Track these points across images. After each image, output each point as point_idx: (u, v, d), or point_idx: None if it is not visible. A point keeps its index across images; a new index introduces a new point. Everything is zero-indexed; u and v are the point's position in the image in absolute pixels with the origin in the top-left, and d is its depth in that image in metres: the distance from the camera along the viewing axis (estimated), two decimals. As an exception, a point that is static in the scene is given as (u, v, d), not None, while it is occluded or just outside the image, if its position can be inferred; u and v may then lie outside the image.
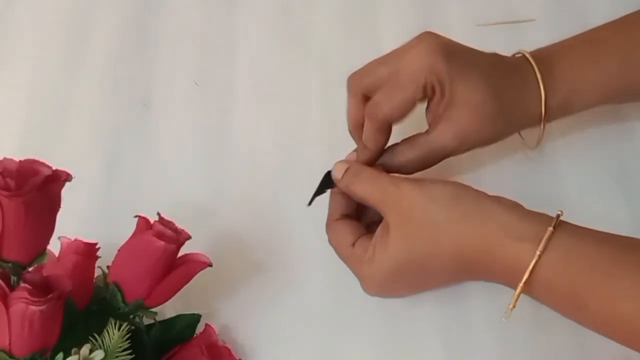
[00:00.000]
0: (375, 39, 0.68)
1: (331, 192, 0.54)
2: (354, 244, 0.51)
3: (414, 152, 0.52)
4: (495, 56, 0.53)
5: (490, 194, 0.48)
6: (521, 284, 0.44)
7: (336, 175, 0.52)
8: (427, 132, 0.52)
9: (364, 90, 0.52)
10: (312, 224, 0.55)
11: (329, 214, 0.54)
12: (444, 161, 0.53)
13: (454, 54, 0.50)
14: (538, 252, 0.43)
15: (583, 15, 0.67)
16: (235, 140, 0.63)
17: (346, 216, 0.53)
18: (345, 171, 0.51)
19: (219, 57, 0.68)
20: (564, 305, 0.45)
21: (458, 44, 0.51)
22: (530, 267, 0.43)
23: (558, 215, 0.45)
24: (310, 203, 0.53)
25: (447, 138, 0.51)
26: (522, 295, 0.45)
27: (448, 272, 0.49)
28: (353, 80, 0.53)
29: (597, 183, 0.59)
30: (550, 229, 0.44)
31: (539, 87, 0.51)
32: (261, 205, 0.59)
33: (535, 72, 0.52)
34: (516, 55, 0.54)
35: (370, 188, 0.50)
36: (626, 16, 0.55)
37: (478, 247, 0.46)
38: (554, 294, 0.45)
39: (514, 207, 0.47)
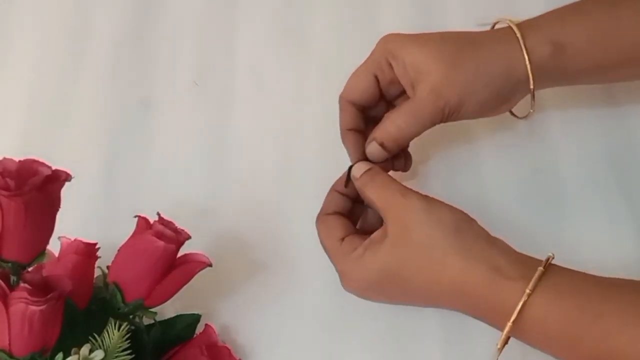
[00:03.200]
0: (375, 39, 0.68)
1: (329, 189, 0.54)
2: (342, 239, 0.51)
3: (402, 117, 0.52)
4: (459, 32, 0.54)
5: (492, 234, 0.48)
6: (510, 323, 0.44)
7: (355, 174, 0.52)
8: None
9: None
10: (312, 224, 0.55)
11: (322, 209, 0.54)
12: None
13: (404, 35, 0.53)
14: (528, 291, 0.43)
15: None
16: (235, 140, 0.63)
17: (338, 213, 0.53)
18: (365, 172, 0.52)
19: (219, 57, 0.68)
20: (557, 344, 0.45)
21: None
22: (520, 305, 0.43)
23: (549, 258, 0.45)
24: (347, 184, 0.53)
25: (424, 94, 0.51)
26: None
27: (430, 295, 0.48)
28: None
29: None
30: (541, 268, 0.44)
31: (517, 37, 0.51)
32: (261, 205, 0.59)
33: (512, 27, 0.52)
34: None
35: (380, 193, 0.50)
36: None
37: (468, 281, 0.45)
38: (547, 333, 0.44)
39: (508, 250, 0.47)
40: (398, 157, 0.56)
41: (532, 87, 0.52)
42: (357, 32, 0.69)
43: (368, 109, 0.55)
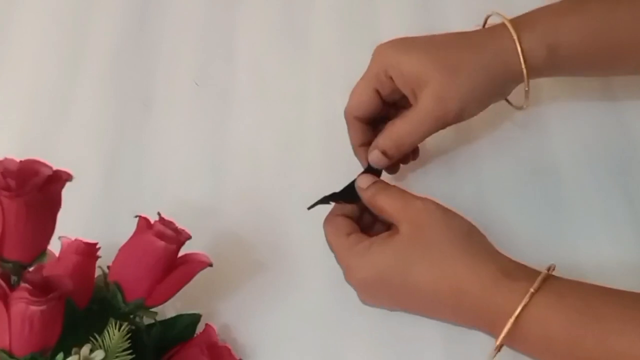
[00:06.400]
0: (375, 39, 0.68)
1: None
2: (349, 235, 0.51)
3: (404, 126, 0.53)
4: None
5: (492, 235, 0.49)
6: (512, 319, 0.44)
7: (361, 185, 0.52)
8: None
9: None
10: (312, 224, 0.55)
11: (331, 211, 0.54)
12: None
13: (399, 44, 0.53)
14: (532, 290, 0.44)
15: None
16: (235, 139, 0.63)
17: (346, 215, 0.53)
18: (374, 183, 0.52)
19: (219, 57, 0.68)
20: (557, 345, 0.45)
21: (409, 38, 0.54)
22: (524, 303, 0.44)
23: (551, 266, 0.46)
24: (311, 207, 0.53)
25: (426, 102, 0.52)
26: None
27: (433, 298, 0.48)
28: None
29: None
30: (545, 272, 0.45)
31: (513, 38, 0.52)
32: (261, 205, 0.59)
33: (508, 27, 0.52)
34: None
35: (394, 200, 0.50)
36: None
37: (475, 282, 0.46)
38: (547, 334, 0.44)
39: (514, 260, 0.48)
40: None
41: (527, 88, 0.53)
42: (357, 32, 0.69)
43: (374, 120, 0.56)
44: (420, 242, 0.48)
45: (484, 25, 0.57)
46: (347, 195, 0.53)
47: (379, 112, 0.55)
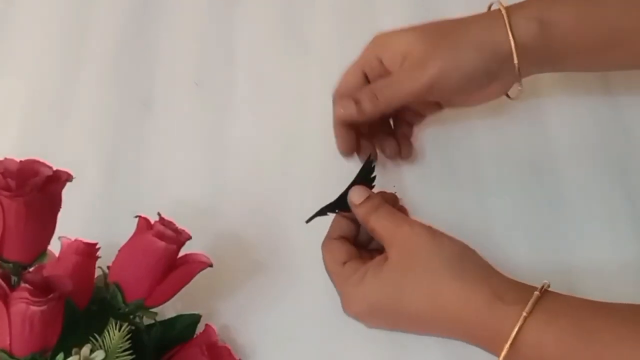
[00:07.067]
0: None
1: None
2: (344, 264, 0.51)
3: (380, 82, 0.54)
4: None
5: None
6: (507, 346, 0.44)
7: (354, 200, 0.52)
8: None
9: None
10: (312, 224, 0.55)
11: (328, 233, 0.54)
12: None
13: (392, 31, 0.55)
14: (524, 314, 0.44)
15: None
16: (235, 140, 0.63)
17: (343, 238, 0.53)
18: (366, 200, 0.52)
19: (219, 57, 0.68)
20: None
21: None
22: (517, 328, 0.44)
23: (544, 284, 0.46)
24: (309, 220, 0.53)
25: (405, 66, 0.53)
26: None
27: (429, 322, 0.48)
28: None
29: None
30: (537, 293, 0.45)
31: (502, 14, 0.52)
32: (261, 205, 0.59)
33: (500, 6, 0.52)
34: None
35: (386, 223, 0.50)
36: None
37: (469, 309, 0.46)
38: (543, 356, 0.44)
39: (507, 279, 0.47)
40: (387, 143, 0.57)
41: (515, 62, 0.52)
42: (357, 32, 0.69)
43: None
44: (411, 269, 0.48)
45: None
46: (343, 204, 0.53)
47: None
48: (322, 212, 0.54)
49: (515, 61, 0.52)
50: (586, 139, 0.62)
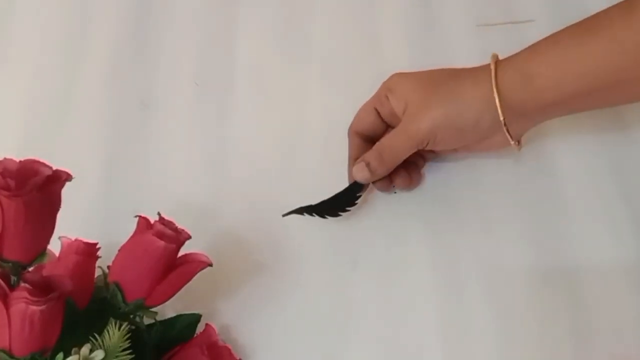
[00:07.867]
0: (375, 39, 0.68)
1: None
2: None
3: (385, 139, 0.56)
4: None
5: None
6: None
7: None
8: None
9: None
10: (312, 224, 0.55)
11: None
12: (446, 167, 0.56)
13: (405, 72, 0.57)
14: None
15: (583, 16, 0.67)
16: (235, 140, 0.63)
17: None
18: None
19: (219, 57, 0.68)
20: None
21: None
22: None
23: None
24: (285, 215, 0.55)
25: (405, 118, 0.55)
26: (519, 296, 0.45)
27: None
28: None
29: (596, 182, 0.59)
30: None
31: (490, 69, 0.53)
32: (261, 205, 0.59)
33: (491, 61, 0.53)
34: None
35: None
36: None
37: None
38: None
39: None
40: (398, 174, 0.57)
41: (501, 118, 0.52)
42: (357, 32, 0.69)
43: (373, 139, 0.57)
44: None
45: None
46: (322, 210, 0.56)
47: (378, 132, 0.58)
48: (300, 210, 0.55)
49: (501, 117, 0.52)
50: (584, 143, 0.62)
